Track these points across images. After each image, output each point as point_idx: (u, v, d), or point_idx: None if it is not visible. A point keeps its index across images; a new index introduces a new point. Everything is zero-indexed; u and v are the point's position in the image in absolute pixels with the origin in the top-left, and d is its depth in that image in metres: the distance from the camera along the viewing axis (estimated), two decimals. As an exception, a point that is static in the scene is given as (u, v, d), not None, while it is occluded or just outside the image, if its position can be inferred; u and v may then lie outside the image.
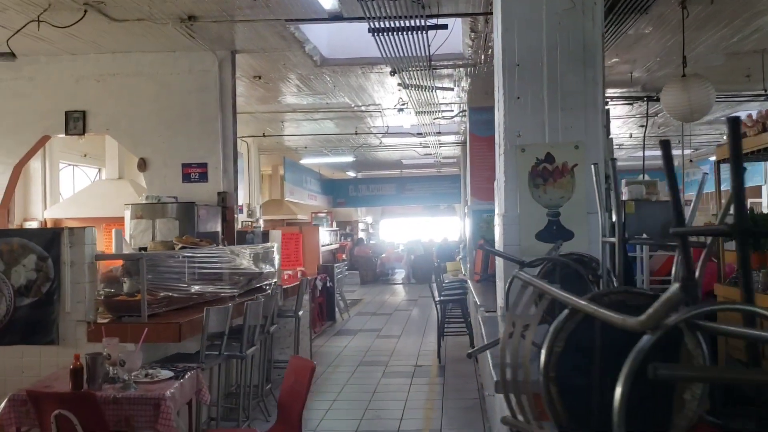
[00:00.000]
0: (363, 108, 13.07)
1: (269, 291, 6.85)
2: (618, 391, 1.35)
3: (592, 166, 3.22)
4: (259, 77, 10.28)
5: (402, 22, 6.87)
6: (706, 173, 3.06)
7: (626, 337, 1.52)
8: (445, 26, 7.31)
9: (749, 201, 18.92)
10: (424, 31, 7.25)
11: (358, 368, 8.75)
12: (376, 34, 7.21)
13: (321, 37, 9.24)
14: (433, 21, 7.15)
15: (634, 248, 7.09)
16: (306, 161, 20.28)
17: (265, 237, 8.67)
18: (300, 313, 7.84)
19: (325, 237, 24.28)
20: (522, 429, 2.05)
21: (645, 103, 12.05)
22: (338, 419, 6.56)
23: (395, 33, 7.19)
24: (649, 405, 1.76)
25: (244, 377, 5.85)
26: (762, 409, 1.72)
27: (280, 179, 19.70)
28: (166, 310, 5.36)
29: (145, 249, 6.85)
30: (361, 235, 28.18)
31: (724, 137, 6.39)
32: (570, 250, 4.12)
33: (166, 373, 4.46)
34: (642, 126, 15.34)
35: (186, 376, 4.49)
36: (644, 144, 11.74)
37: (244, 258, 6.80)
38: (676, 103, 6.06)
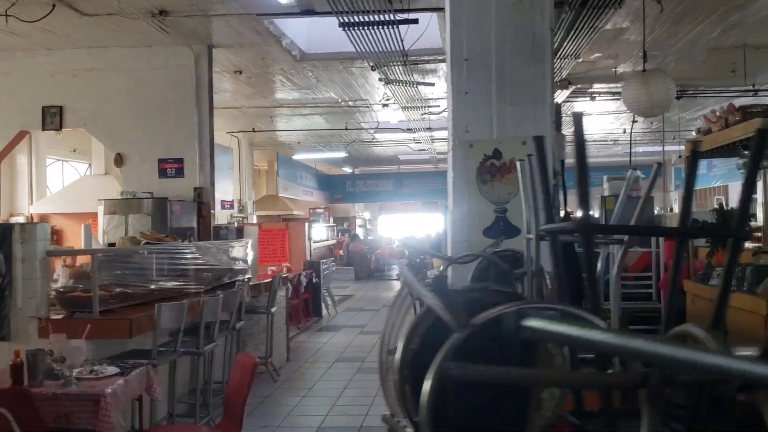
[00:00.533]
0: (350, 103, 13.04)
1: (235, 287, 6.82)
2: (425, 385, 1.33)
3: (518, 163, 3.17)
4: (240, 72, 10.27)
5: (370, 16, 6.83)
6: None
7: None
8: (415, 21, 7.27)
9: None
10: (394, 26, 7.20)
11: (334, 364, 8.72)
12: (346, 28, 7.17)
13: (300, 31, 9.21)
14: (404, 15, 7.10)
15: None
16: (299, 156, 20.25)
17: (240, 233, 8.66)
18: (273, 309, 7.81)
19: (322, 233, 24.35)
20: (394, 427, 2.02)
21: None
22: (303, 415, 6.54)
23: (366, 27, 7.14)
24: (504, 404, 1.73)
25: (203, 374, 5.83)
26: (614, 411, 1.68)
27: (276, 175, 19.68)
28: (121, 306, 5.34)
29: (113, 245, 6.86)
30: (359, 231, 28.17)
31: (693, 133, 6.33)
32: (516, 246, 4.08)
33: (111, 370, 4.43)
34: (634, 121, 15.30)
35: (132, 373, 4.47)
36: (630, 140, 11.69)
37: (211, 254, 6.78)
38: (636, 98, 6.01)
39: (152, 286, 5.78)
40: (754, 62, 9.61)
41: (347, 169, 25.11)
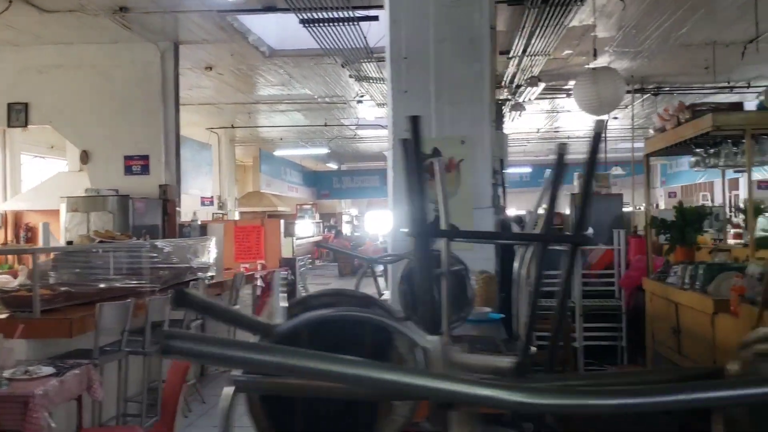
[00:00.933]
0: (327, 100, 12.98)
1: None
2: (223, 393, 1.31)
3: (435, 162, 3.13)
4: (211, 68, 10.21)
5: (328, 13, 6.78)
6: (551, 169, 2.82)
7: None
8: (375, 18, 7.21)
9: (732, 193, 18.76)
10: (355, 23, 7.15)
11: (300, 362, 8.67)
12: (307, 25, 7.12)
13: (268, 28, 9.13)
14: (363, 12, 7.05)
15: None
16: (283, 152, 20.15)
17: (203, 230, 8.61)
18: (236, 308, 7.77)
19: (308, 229, 24.30)
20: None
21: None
22: (259, 415, 6.49)
23: (326, 24, 7.09)
24: (353, 409, 1.70)
25: (152, 374, 5.79)
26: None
27: (259, 171, 19.59)
28: (67, 306, 5.29)
29: (71, 243, 6.81)
30: (346, 227, 28.11)
31: (650, 130, 6.29)
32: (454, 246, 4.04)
33: (47, 370, 4.37)
34: (614, 118, 15.27)
35: (69, 373, 4.42)
36: (605, 136, 11.68)
37: (168, 252, 6.72)
38: (586, 96, 5.97)
39: (102, 285, 5.72)
40: (724, 59, 9.58)
41: (333, 166, 25.04)
